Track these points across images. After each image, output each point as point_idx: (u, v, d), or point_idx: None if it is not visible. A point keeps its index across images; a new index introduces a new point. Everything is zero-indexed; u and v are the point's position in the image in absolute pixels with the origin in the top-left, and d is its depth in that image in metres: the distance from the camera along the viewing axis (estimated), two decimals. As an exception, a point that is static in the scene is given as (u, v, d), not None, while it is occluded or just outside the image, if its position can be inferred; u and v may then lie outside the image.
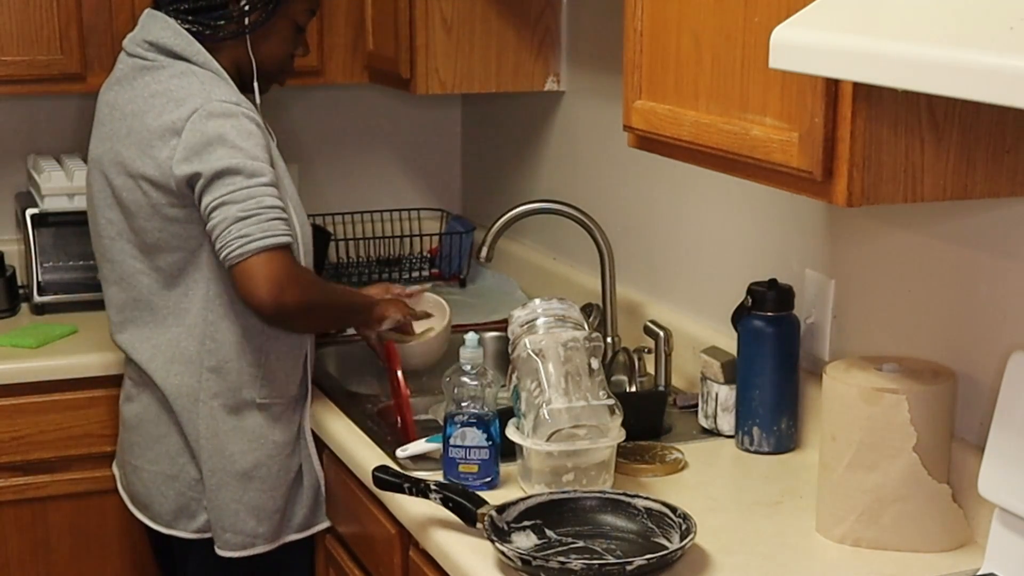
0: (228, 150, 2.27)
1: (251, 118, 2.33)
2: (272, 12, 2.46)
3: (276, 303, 2.26)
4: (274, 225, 2.26)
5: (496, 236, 2.64)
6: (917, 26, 1.33)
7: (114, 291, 2.51)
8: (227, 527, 2.45)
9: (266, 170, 2.30)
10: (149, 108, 2.36)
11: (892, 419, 1.82)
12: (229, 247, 2.25)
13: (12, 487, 2.87)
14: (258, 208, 2.25)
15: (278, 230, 2.27)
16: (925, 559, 1.83)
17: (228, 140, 2.28)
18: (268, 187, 2.28)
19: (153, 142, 2.33)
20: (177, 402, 2.44)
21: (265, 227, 2.25)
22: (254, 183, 2.27)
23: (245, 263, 2.25)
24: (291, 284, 2.26)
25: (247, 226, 2.24)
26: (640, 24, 1.96)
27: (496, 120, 3.49)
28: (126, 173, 2.38)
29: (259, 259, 2.25)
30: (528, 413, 2.01)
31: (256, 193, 2.26)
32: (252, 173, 2.27)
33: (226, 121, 2.30)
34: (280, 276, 2.25)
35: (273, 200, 2.28)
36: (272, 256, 2.25)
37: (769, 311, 2.20)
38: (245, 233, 2.24)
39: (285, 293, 2.26)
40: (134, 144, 2.36)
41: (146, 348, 2.47)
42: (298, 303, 2.28)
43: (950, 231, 1.93)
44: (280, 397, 2.47)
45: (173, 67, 2.38)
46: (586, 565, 1.74)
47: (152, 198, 2.35)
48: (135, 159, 2.36)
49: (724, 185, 2.43)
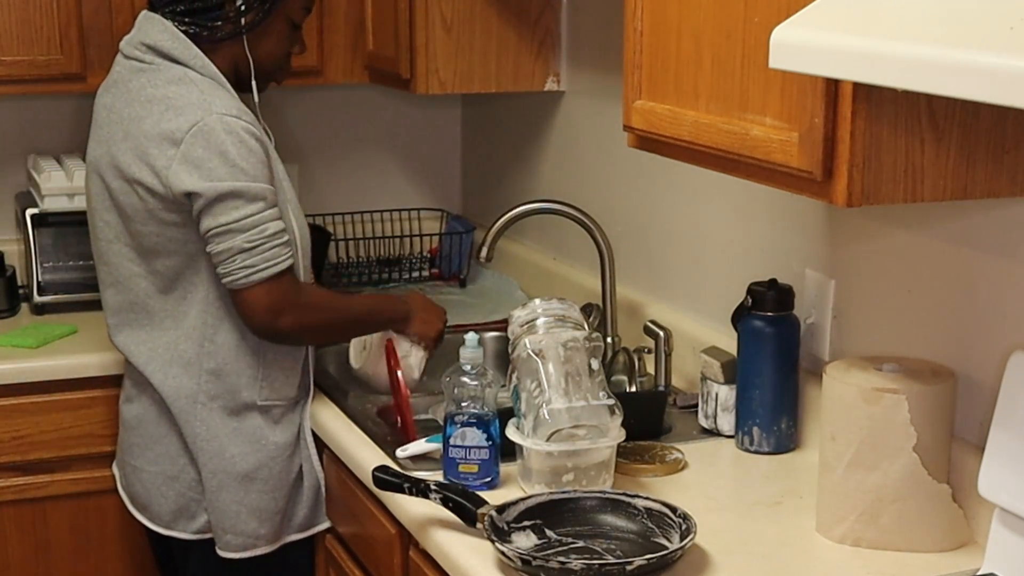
0: (229, 170, 2.28)
1: (251, 132, 2.33)
2: (268, 11, 2.46)
3: (271, 329, 2.35)
4: (276, 253, 2.31)
5: (496, 236, 2.64)
6: (917, 26, 1.33)
7: (111, 293, 2.51)
8: (228, 528, 2.45)
9: (266, 192, 2.32)
10: (147, 113, 2.35)
11: (892, 419, 1.82)
12: (232, 275, 2.31)
13: (12, 487, 2.87)
14: (261, 238, 2.30)
15: (279, 257, 2.32)
16: (925, 559, 1.83)
17: (229, 158, 2.28)
18: (269, 211, 2.32)
19: (150, 149, 2.32)
20: (176, 404, 2.44)
21: (267, 256, 2.30)
22: (255, 209, 2.30)
23: (246, 291, 2.32)
24: (288, 310, 2.34)
25: (250, 257, 2.30)
26: (640, 24, 1.96)
27: (496, 120, 3.49)
28: (122, 177, 2.38)
29: (260, 289, 2.31)
30: (528, 413, 2.00)
31: (259, 221, 2.30)
32: (254, 197, 2.29)
33: (227, 137, 2.29)
34: (278, 304, 2.33)
35: (275, 226, 2.32)
36: (272, 285, 2.32)
37: (769, 311, 2.20)
38: (249, 264, 2.30)
39: (280, 319, 2.34)
40: (130, 149, 2.36)
41: (143, 351, 2.46)
42: (292, 327, 2.36)
43: (950, 231, 1.93)
44: (280, 399, 2.47)
45: (170, 71, 2.38)
46: (586, 565, 1.74)
47: (148, 203, 2.35)
48: (131, 164, 2.36)
49: (724, 185, 2.43)
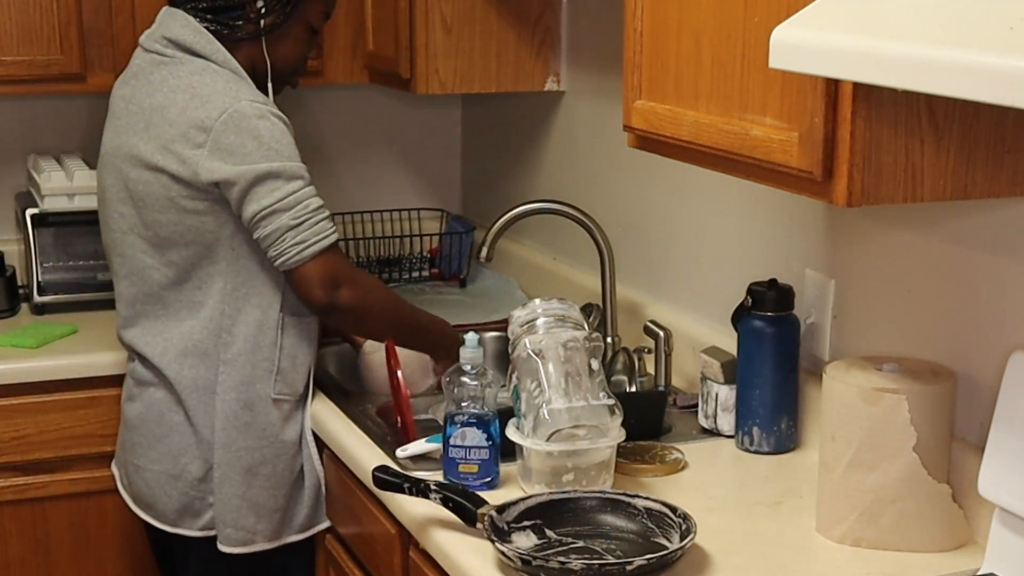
0: (264, 152, 2.31)
1: (280, 117, 2.37)
2: (289, 14, 2.48)
3: (332, 303, 2.37)
4: (323, 227, 2.35)
5: (496, 236, 2.64)
6: (917, 26, 1.33)
7: (124, 285, 2.51)
8: (228, 522, 2.46)
9: (302, 170, 2.36)
10: (171, 103, 2.36)
11: (892, 419, 1.81)
12: (285, 255, 2.33)
13: (12, 487, 2.87)
14: (306, 213, 2.33)
15: (327, 230, 2.35)
16: (925, 559, 1.83)
17: (263, 140, 2.32)
18: (308, 187, 2.35)
19: (176, 138, 2.34)
20: (192, 396, 2.44)
21: (316, 230, 2.33)
22: (296, 187, 2.33)
23: (301, 268, 2.34)
24: (346, 282, 2.37)
25: (300, 233, 2.32)
26: (640, 24, 1.96)
27: (496, 120, 3.49)
28: (143, 166, 2.39)
29: (314, 263, 2.34)
30: (528, 413, 2.00)
31: (301, 197, 2.33)
32: (291, 176, 2.33)
33: (259, 122, 2.32)
34: (335, 274, 2.36)
35: (317, 201, 2.36)
36: (325, 258, 2.35)
37: (769, 311, 2.20)
38: (300, 240, 2.32)
39: (340, 291, 2.36)
40: (153, 138, 2.37)
41: (158, 342, 2.47)
42: (352, 301, 2.38)
43: (950, 231, 1.93)
44: (292, 394, 2.48)
45: (192, 63, 2.40)
46: (586, 565, 1.74)
47: (171, 191, 2.36)
48: (154, 153, 2.37)
49: (724, 185, 2.43)
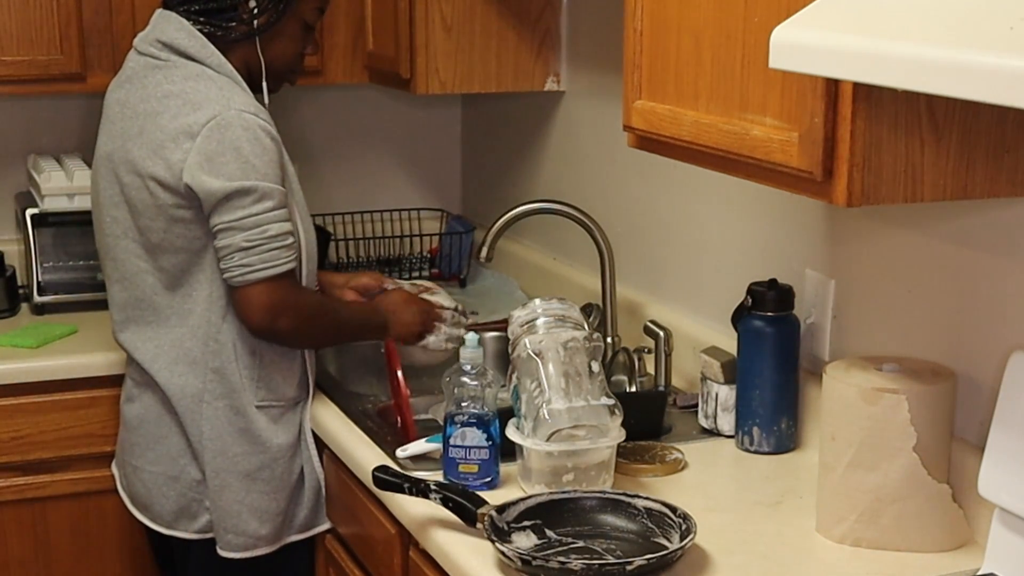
0: (240, 167, 2.29)
1: (267, 131, 2.34)
2: (282, 13, 2.47)
3: (268, 329, 2.36)
4: (275, 255, 2.31)
5: (496, 236, 2.64)
6: (917, 26, 1.33)
7: (117, 289, 2.51)
8: (229, 528, 2.45)
9: (276, 192, 2.32)
10: (164, 109, 2.35)
11: (892, 419, 1.81)
12: (230, 272, 2.33)
13: (12, 487, 2.87)
14: (261, 238, 2.30)
15: (279, 259, 2.32)
16: (925, 559, 1.83)
17: (242, 155, 2.29)
18: (275, 211, 2.32)
19: (166, 143, 2.33)
20: (181, 403, 2.44)
21: (266, 257, 2.31)
22: (260, 209, 2.30)
23: (244, 289, 2.33)
24: (285, 312, 2.35)
25: (248, 256, 2.30)
26: (640, 24, 1.96)
27: (496, 120, 3.49)
28: (135, 172, 2.38)
29: (257, 288, 2.32)
30: (528, 413, 2.00)
31: (263, 220, 2.30)
32: (261, 196, 2.30)
33: (243, 134, 2.30)
34: (275, 304, 2.33)
35: (279, 227, 2.32)
36: (269, 286, 2.32)
37: (769, 311, 2.20)
38: (246, 263, 2.31)
39: (278, 321, 2.35)
40: (146, 144, 2.36)
41: (149, 348, 2.47)
42: (289, 329, 2.37)
43: (950, 231, 1.93)
44: (277, 400, 2.47)
45: (187, 68, 2.39)
46: (586, 565, 1.74)
47: (159, 198, 2.35)
48: (145, 159, 2.36)
49: (724, 185, 2.43)
